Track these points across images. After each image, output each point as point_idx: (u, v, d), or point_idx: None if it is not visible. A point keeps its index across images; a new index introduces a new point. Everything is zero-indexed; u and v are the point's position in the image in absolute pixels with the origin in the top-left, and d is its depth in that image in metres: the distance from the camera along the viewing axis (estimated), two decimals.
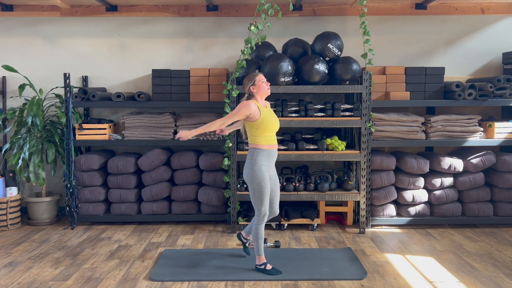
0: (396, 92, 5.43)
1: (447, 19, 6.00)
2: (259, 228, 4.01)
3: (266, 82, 4.03)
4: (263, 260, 4.07)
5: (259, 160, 3.94)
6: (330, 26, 5.94)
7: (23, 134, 5.65)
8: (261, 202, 3.95)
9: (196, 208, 5.59)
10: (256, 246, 4.06)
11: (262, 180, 3.92)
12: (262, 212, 3.98)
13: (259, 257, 4.08)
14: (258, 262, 4.09)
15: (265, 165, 3.96)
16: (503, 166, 5.40)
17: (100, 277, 4.02)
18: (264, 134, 3.96)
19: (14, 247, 4.81)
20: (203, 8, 5.94)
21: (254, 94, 4.01)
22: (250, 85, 4.00)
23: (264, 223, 4.03)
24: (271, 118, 4.01)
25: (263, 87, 4.00)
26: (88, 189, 5.52)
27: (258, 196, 3.95)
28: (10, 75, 6.00)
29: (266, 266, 4.05)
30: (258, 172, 3.92)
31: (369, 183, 5.27)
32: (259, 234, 4.02)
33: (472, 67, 6.06)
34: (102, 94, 5.58)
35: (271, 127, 3.98)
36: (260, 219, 4.00)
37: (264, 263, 4.06)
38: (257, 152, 3.94)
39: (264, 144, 3.96)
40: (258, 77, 4.01)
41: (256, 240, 4.05)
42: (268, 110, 4.04)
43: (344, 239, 5.03)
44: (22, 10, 5.95)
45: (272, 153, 4.02)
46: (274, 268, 4.05)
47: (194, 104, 5.57)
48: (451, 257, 4.47)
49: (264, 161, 3.95)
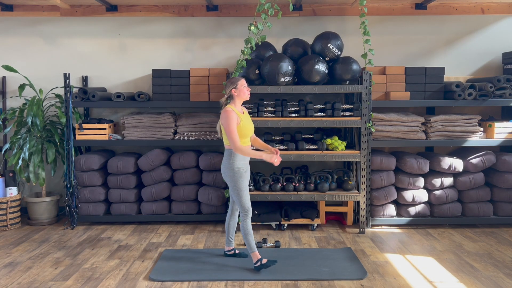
0: (396, 92, 5.43)
1: (447, 19, 6.00)
2: (246, 224, 4.13)
3: (247, 88, 4.20)
4: (258, 256, 4.12)
5: (236, 160, 4.10)
6: (330, 26, 5.94)
7: (23, 134, 5.65)
8: (243, 197, 4.11)
9: (196, 208, 5.59)
10: (247, 243, 4.13)
11: (240, 177, 4.09)
12: (245, 208, 4.13)
13: (253, 254, 4.13)
14: (254, 260, 4.12)
15: (241, 163, 4.12)
16: (503, 166, 5.40)
17: (100, 277, 4.02)
18: (240, 138, 4.10)
19: (14, 247, 4.81)
20: (203, 8, 5.94)
21: (234, 97, 4.16)
22: (232, 87, 4.15)
23: (250, 218, 4.15)
24: (248, 124, 4.18)
25: (244, 92, 4.16)
26: (88, 189, 5.52)
27: (238, 192, 4.10)
28: (10, 75, 6.00)
29: (262, 261, 4.10)
30: (236, 170, 4.09)
31: (369, 183, 5.27)
32: (247, 229, 4.12)
33: (472, 67, 6.06)
34: (102, 94, 5.59)
35: (246, 133, 4.15)
36: (244, 215, 4.14)
37: (259, 259, 4.11)
38: (233, 154, 4.10)
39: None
40: (241, 81, 4.17)
41: (245, 236, 4.12)
42: (245, 116, 4.20)
43: (344, 239, 5.03)
44: (22, 10, 5.95)
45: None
46: (269, 260, 4.14)
47: (194, 104, 5.58)
48: (451, 257, 4.47)
49: (241, 160, 4.12)
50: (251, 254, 4.13)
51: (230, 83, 4.16)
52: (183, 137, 5.54)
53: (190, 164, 5.56)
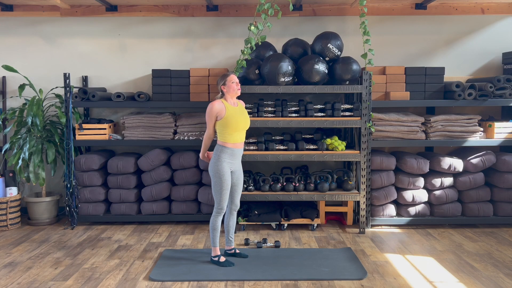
0: (396, 92, 5.43)
1: (447, 19, 6.00)
2: (216, 220, 4.22)
3: (237, 83, 4.24)
4: (217, 252, 4.26)
5: (222, 157, 4.15)
6: (330, 26, 5.94)
7: (23, 134, 5.65)
8: (220, 196, 4.17)
9: (196, 208, 5.59)
10: (211, 237, 4.25)
11: (222, 176, 4.13)
12: (220, 205, 4.20)
13: (214, 248, 4.26)
14: (212, 254, 4.26)
15: (228, 162, 4.18)
16: (503, 166, 5.40)
17: (100, 277, 4.02)
18: (229, 132, 4.15)
19: (14, 247, 4.81)
20: (203, 8, 5.94)
21: (225, 93, 4.23)
22: (221, 84, 4.23)
23: (221, 216, 4.24)
24: (237, 117, 4.18)
25: (233, 88, 4.21)
26: (88, 189, 5.52)
27: (218, 190, 4.16)
28: (10, 75, 6.00)
29: (220, 259, 4.22)
30: (220, 168, 4.14)
31: (369, 183, 5.27)
32: (216, 225, 4.22)
33: (472, 67, 6.06)
34: (102, 94, 5.58)
35: (235, 125, 4.15)
36: (217, 212, 4.21)
37: (217, 256, 4.24)
38: (221, 149, 4.16)
39: (229, 142, 4.18)
40: (229, 77, 4.22)
41: (211, 231, 4.23)
42: (236, 109, 4.22)
43: (344, 239, 5.03)
44: (22, 10, 5.95)
45: (236, 152, 4.24)
46: (227, 261, 4.23)
47: (194, 104, 5.57)
48: (451, 257, 4.47)
49: (227, 158, 4.17)
50: (212, 248, 4.27)
51: (220, 79, 4.24)
52: (183, 137, 5.54)
53: (190, 164, 5.56)
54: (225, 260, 4.22)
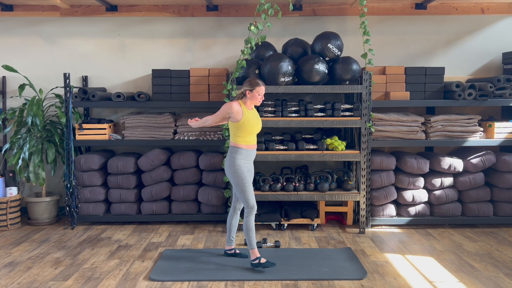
0: (396, 92, 5.43)
1: (447, 19, 6.00)
2: (249, 220, 4.15)
3: (262, 97, 4.22)
4: (257, 254, 4.13)
5: (238, 158, 4.15)
6: (330, 26, 5.94)
7: (23, 134, 5.65)
8: (246, 194, 4.13)
9: (196, 208, 5.59)
10: (248, 239, 4.15)
11: (242, 174, 4.13)
12: (250, 204, 4.14)
13: (252, 251, 4.14)
14: (252, 257, 4.14)
15: (243, 162, 4.18)
16: (503, 166, 5.40)
17: (100, 277, 4.02)
18: (244, 135, 4.16)
19: (14, 247, 4.81)
20: (203, 8, 5.94)
21: (247, 98, 4.21)
22: (248, 89, 4.19)
23: (254, 215, 4.17)
24: (253, 120, 4.20)
25: (257, 98, 4.21)
26: (88, 189, 5.52)
27: (242, 189, 4.12)
28: (10, 75, 6.00)
29: (261, 260, 4.10)
30: (237, 167, 4.13)
31: (369, 183, 5.27)
32: (250, 226, 4.14)
33: (472, 67, 6.06)
34: (102, 94, 5.58)
35: (251, 129, 4.18)
36: (249, 211, 4.15)
37: (258, 257, 4.12)
38: (236, 151, 4.16)
39: (243, 144, 4.17)
40: (259, 88, 4.18)
41: (247, 233, 4.14)
42: (252, 113, 4.22)
43: (344, 239, 5.03)
44: (22, 10, 5.95)
45: (251, 153, 4.25)
46: (268, 261, 4.12)
47: (194, 104, 5.58)
48: (451, 257, 4.47)
49: (243, 159, 4.17)
50: (251, 251, 4.14)
51: (249, 84, 4.19)
52: (183, 137, 5.54)
53: (190, 164, 5.56)
54: (266, 261, 4.12)
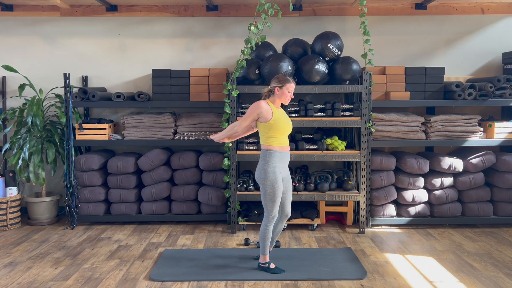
0: (396, 92, 5.43)
1: (447, 19, 6.00)
2: (267, 229, 4.04)
3: (292, 94, 4.02)
4: (267, 259, 4.11)
5: (272, 161, 3.93)
6: (330, 26, 5.94)
7: (23, 134, 5.65)
8: (273, 204, 3.95)
9: (196, 208, 5.59)
10: (262, 245, 4.09)
11: (275, 182, 3.91)
12: (272, 214, 4.00)
13: (263, 256, 4.11)
14: (261, 261, 4.11)
15: (278, 167, 3.96)
16: (503, 166, 5.40)
17: (100, 277, 4.02)
18: (276, 136, 3.96)
19: (14, 247, 4.81)
20: (203, 8, 5.94)
21: (276, 96, 4.01)
22: (277, 85, 3.99)
23: (273, 224, 4.06)
24: (284, 119, 4.01)
25: (286, 96, 3.99)
26: (88, 189, 5.52)
27: (270, 198, 3.94)
28: (10, 75, 6.00)
29: (270, 265, 4.08)
30: (271, 173, 3.91)
31: (369, 183, 5.27)
32: (267, 234, 4.04)
33: (472, 67, 6.06)
34: (102, 94, 5.58)
35: (283, 128, 3.97)
36: (269, 220, 4.02)
37: (267, 262, 4.09)
38: (269, 154, 3.94)
39: (277, 145, 3.96)
40: (290, 84, 3.98)
41: (263, 240, 4.06)
42: (281, 112, 4.05)
43: (344, 239, 5.03)
44: (22, 10, 5.95)
45: (285, 155, 4.01)
46: (277, 267, 4.08)
47: (194, 104, 5.57)
48: (451, 257, 4.47)
49: (277, 162, 3.95)
50: (261, 256, 4.11)
51: (278, 81, 3.99)
52: (183, 137, 5.54)
53: (190, 164, 5.56)
54: (276, 267, 4.06)
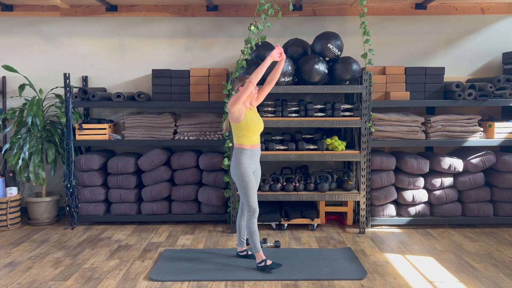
0: (396, 92, 5.43)
1: (447, 19, 6.00)
2: (252, 224, 4.11)
3: (255, 87, 4.13)
4: (262, 256, 4.10)
5: (243, 159, 4.09)
6: (330, 26, 5.94)
7: (23, 134, 5.65)
8: (250, 197, 4.09)
9: (196, 208, 5.59)
10: (252, 242, 4.11)
11: (246, 177, 4.08)
12: (253, 207, 4.10)
13: (257, 254, 4.11)
14: (257, 260, 4.11)
15: (249, 163, 4.12)
16: (503, 166, 5.40)
17: (100, 277, 4.02)
18: (247, 136, 4.10)
19: (14, 247, 4.81)
20: (203, 8, 5.94)
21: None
22: (239, 85, 4.14)
23: (256, 218, 4.13)
24: (255, 120, 4.14)
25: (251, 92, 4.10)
26: (88, 189, 5.52)
27: (246, 192, 4.09)
28: (10, 75, 6.00)
29: (266, 262, 4.08)
30: (243, 169, 4.08)
31: (369, 183, 5.27)
32: (253, 229, 4.10)
33: (472, 67, 6.06)
34: (102, 94, 5.59)
35: (254, 129, 4.11)
36: (251, 215, 4.12)
37: (263, 260, 4.09)
38: (241, 152, 4.10)
39: (248, 144, 4.12)
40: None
41: (251, 236, 4.10)
42: (252, 112, 4.17)
43: (344, 239, 5.03)
44: (22, 10, 5.95)
45: (256, 152, 4.18)
46: (274, 262, 4.09)
47: (194, 104, 5.58)
48: (451, 257, 4.47)
49: (248, 160, 4.11)
50: (256, 254, 4.12)
51: (239, 81, 4.16)
52: (183, 137, 5.54)
53: (190, 164, 5.56)
54: (272, 263, 4.08)
